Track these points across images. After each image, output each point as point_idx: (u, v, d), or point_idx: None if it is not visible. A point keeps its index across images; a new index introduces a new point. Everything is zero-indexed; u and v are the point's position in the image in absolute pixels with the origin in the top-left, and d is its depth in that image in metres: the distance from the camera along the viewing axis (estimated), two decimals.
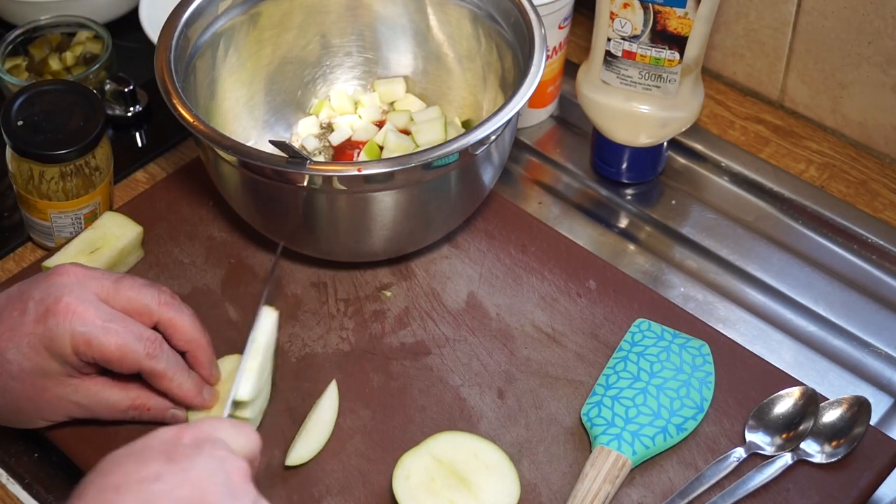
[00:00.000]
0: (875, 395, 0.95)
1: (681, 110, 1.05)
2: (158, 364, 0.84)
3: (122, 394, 0.85)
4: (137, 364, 0.83)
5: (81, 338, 0.81)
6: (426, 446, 0.85)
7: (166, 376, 0.84)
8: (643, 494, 0.85)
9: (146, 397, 0.86)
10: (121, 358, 0.82)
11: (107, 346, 0.82)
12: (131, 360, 0.83)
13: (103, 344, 0.81)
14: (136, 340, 0.83)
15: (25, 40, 1.18)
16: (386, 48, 1.09)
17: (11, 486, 0.90)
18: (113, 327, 0.82)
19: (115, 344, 0.82)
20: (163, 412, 0.86)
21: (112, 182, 1.04)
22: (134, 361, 0.83)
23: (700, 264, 1.05)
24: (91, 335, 0.81)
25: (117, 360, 0.82)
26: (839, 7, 1.08)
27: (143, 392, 0.86)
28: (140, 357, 0.83)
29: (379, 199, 0.91)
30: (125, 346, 0.82)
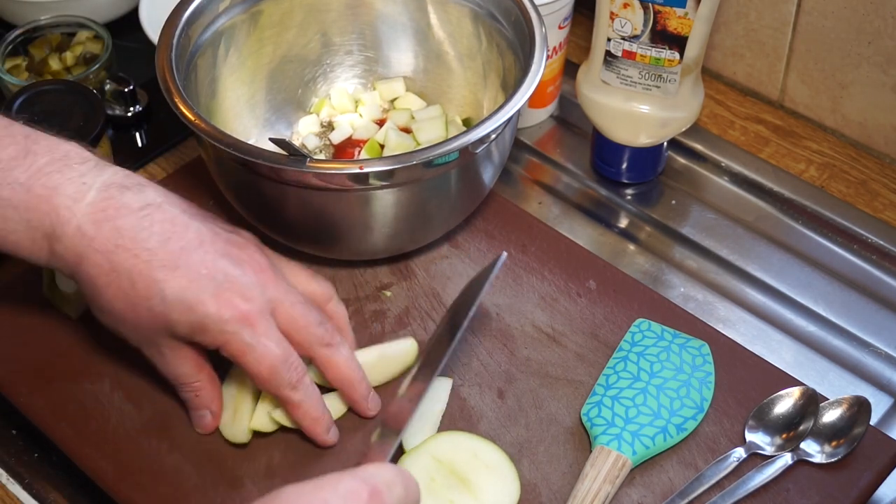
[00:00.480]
0: (875, 395, 0.95)
1: (681, 110, 1.05)
2: (296, 395, 0.83)
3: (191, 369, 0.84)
4: (276, 389, 0.82)
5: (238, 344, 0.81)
6: (426, 446, 0.85)
7: (301, 408, 0.84)
8: (643, 494, 0.85)
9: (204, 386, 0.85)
10: (267, 378, 0.82)
11: (257, 363, 0.81)
12: (274, 383, 0.82)
13: (256, 363, 0.81)
14: (284, 365, 0.82)
15: (25, 40, 1.18)
16: (386, 46, 1.09)
17: (11, 486, 0.90)
18: (273, 344, 0.81)
19: (267, 365, 0.81)
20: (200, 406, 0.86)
21: None
22: (275, 386, 0.82)
23: (700, 264, 1.05)
24: (249, 347, 0.81)
25: (262, 378, 0.82)
26: (839, 7, 1.08)
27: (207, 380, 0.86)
28: (283, 384, 0.82)
29: (379, 198, 0.91)
30: (274, 368, 0.81)
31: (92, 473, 0.87)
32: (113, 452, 0.87)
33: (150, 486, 0.85)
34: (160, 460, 0.86)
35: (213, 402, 0.87)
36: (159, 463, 0.86)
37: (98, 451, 0.87)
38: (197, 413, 0.87)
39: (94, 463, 0.87)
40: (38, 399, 0.90)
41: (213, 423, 0.87)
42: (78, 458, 0.88)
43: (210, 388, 0.86)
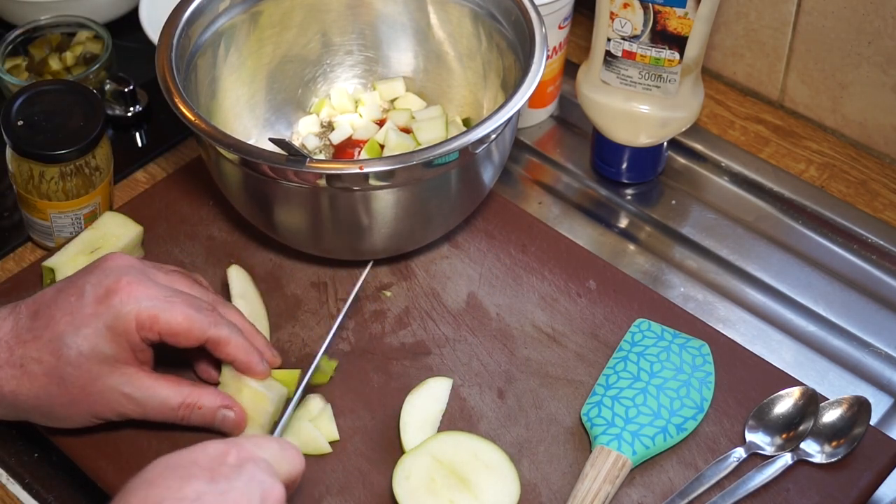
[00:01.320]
0: (875, 395, 0.95)
1: (681, 110, 1.05)
2: (222, 331, 0.84)
3: (174, 390, 0.84)
4: (203, 334, 0.83)
5: (147, 313, 0.81)
6: (426, 446, 0.85)
7: (231, 342, 0.85)
8: (643, 494, 0.85)
9: (198, 395, 0.85)
10: (188, 329, 0.83)
11: (174, 318, 0.82)
12: (197, 331, 0.83)
13: (171, 317, 0.82)
14: (199, 311, 0.83)
15: (25, 40, 1.18)
16: (386, 46, 1.09)
17: (11, 486, 0.90)
18: (176, 300, 0.83)
19: (181, 315, 0.82)
20: (213, 412, 0.85)
21: (112, 182, 1.04)
22: (200, 331, 0.83)
23: (700, 264, 1.05)
24: (157, 309, 0.82)
25: (184, 331, 0.83)
26: (839, 7, 1.08)
27: (195, 390, 0.85)
28: (205, 326, 0.83)
29: (379, 198, 0.91)
30: (191, 317, 0.83)
31: (92, 473, 0.87)
32: (113, 453, 0.87)
33: None
34: None
35: (219, 399, 0.86)
36: None
37: (98, 451, 0.87)
38: (218, 421, 0.86)
39: (94, 463, 0.87)
40: None
41: (241, 415, 0.86)
42: (78, 458, 0.88)
43: (202, 392, 0.85)
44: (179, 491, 0.68)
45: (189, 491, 0.68)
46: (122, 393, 0.83)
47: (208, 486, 0.68)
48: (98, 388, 0.83)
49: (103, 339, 0.82)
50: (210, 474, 0.69)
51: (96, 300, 0.82)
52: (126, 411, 0.84)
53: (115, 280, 0.82)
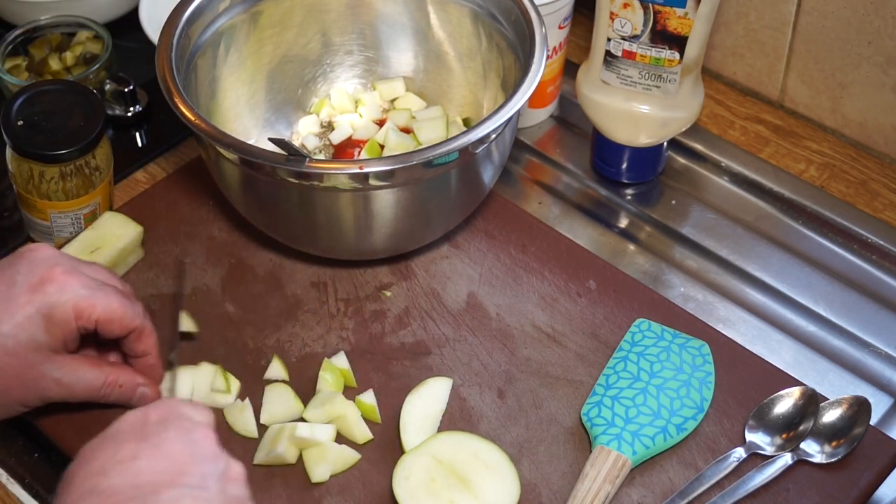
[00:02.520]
0: (875, 395, 0.95)
1: (681, 110, 1.05)
2: (147, 322, 0.87)
3: (97, 371, 0.86)
4: (133, 322, 0.85)
5: (86, 301, 0.83)
6: (426, 446, 0.85)
7: (153, 334, 0.87)
8: (643, 494, 0.85)
9: (118, 373, 0.87)
10: (121, 317, 0.85)
11: (110, 305, 0.84)
12: (129, 319, 0.85)
13: (108, 304, 0.84)
14: (129, 301, 0.86)
15: (25, 40, 1.18)
16: (386, 46, 1.09)
17: (11, 486, 0.90)
18: (108, 290, 0.85)
19: (117, 303, 0.84)
20: (133, 389, 0.88)
21: (112, 182, 1.04)
22: (131, 320, 0.85)
23: (700, 264, 1.05)
24: (95, 297, 0.83)
25: (118, 318, 0.85)
26: (839, 7, 1.08)
27: (114, 369, 0.87)
28: (135, 315, 0.86)
29: (380, 197, 0.91)
30: (124, 305, 0.85)
31: None
32: None
33: None
34: None
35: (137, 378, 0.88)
36: None
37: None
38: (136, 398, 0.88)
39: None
40: None
41: (156, 393, 0.89)
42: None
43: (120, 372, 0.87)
44: (116, 456, 0.70)
45: (125, 453, 0.70)
46: (52, 378, 0.84)
47: (141, 444, 0.71)
48: (33, 376, 0.84)
49: (39, 328, 0.82)
50: (138, 435, 0.71)
51: (30, 289, 0.82)
52: (52, 395, 0.85)
53: (48, 269, 0.83)
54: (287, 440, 0.86)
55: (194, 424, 0.73)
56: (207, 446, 0.73)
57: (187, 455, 0.71)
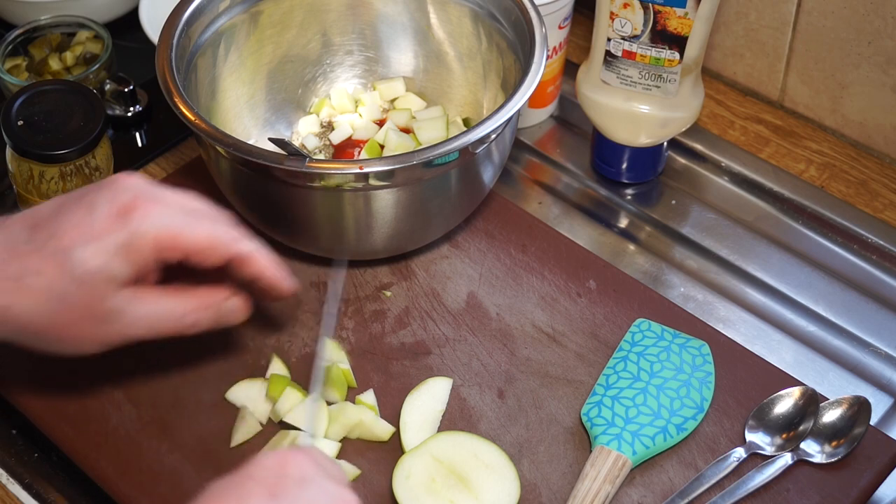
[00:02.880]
0: (875, 395, 0.95)
1: (681, 110, 1.05)
2: (248, 245, 0.81)
3: (177, 300, 0.81)
4: (227, 250, 0.80)
5: (168, 232, 0.77)
6: (426, 446, 0.85)
7: (258, 257, 0.81)
8: (643, 494, 0.85)
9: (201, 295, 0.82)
10: (211, 246, 0.79)
11: (197, 235, 0.78)
12: (222, 247, 0.79)
13: (194, 234, 0.78)
14: (222, 227, 0.80)
15: (25, 40, 1.18)
16: (386, 46, 1.09)
17: (11, 486, 0.90)
18: (197, 217, 0.79)
19: (205, 232, 0.79)
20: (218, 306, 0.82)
21: None
22: (225, 248, 0.79)
23: (700, 264, 1.05)
24: (178, 227, 0.78)
25: (208, 248, 0.79)
26: (839, 7, 1.08)
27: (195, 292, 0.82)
28: (230, 242, 0.80)
29: (380, 197, 0.91)
30: (214, 232, 0.79)
31: (92, 473, 0.87)
32: (113, 452, 0.87)
33: (150, 486, 0.85)
34: (160, 460, 0.86)
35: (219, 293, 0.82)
36: (159, 463, 0.86)
37: (98, 451, 0.87)
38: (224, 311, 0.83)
39: (94, 463, 0.87)
40: (38, 399, 0.90)
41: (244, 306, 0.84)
42: (78, 458, 0.88)
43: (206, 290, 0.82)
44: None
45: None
46: (128, 312, 0.79)
47: (269, 502, 0.64)
48: (105, 309, 0.78)
49: (116, 258, 0.77)
50: (270, 490, 0.65)
51: (110, 216, 0.77)
52: (133, 332, 0.80)
53: (132, 198, 0.77)
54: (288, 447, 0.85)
55: (338, 487, 0.66)
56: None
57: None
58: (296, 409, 0.87)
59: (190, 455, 0.87)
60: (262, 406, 0.89)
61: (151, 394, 0.90)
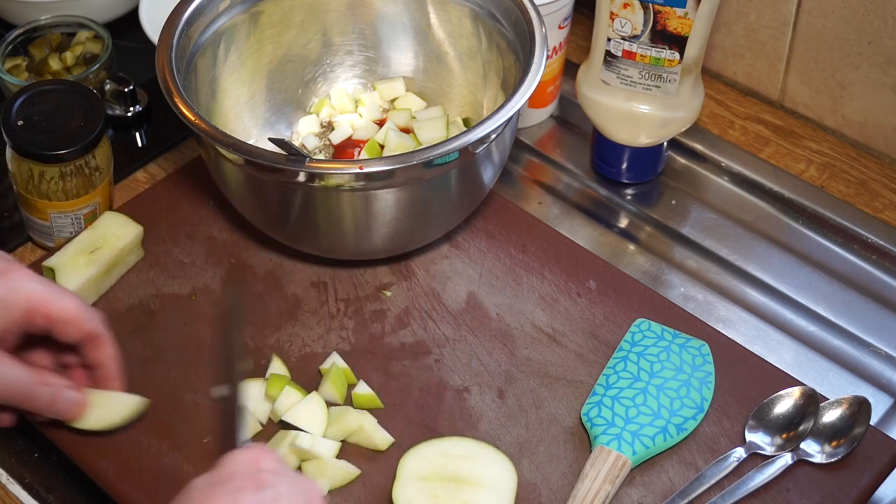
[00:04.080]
0: (875, 395, 0.95)
1: (681, 110, 1.05)
2: (105, 330, 0.85)
3: (27, 369, 0.83)
4: (90, 326, 0.84)
5: (41, 295, 0.82)
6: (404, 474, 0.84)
7: (109, 343, 0.85)
8: (643, 494, 0.85)
9: (44, 373, 0.85)
10: (76, 318, 0.83)
11: (67, 305, 0.82)
12: (85, 322, 0.83)
13: (64, 303, 0.82)
14: (86, 306, 0.84)
15: (25, 40, 1.18)
16: (387, 46, 1.09)
17: (11, 486, 0.90)
18: (67, 291, 0.84)
19: (73, 304, 0.83)
20: (60, 389, 0.85)
21: (112, 182, 1.04)
22: (88, 322, 0.84)
23: (700, 264, 1.05)
24: (52, 294, 0.82)
25: (73, 319, 0.83)
26: (839, 7, 1.08)
27: (40, 369, 0.85)
28: (92, 319, 0.84)
29: (380, 197, 0.91)
30: (81, 307, 0.83)
31: (92, 473, 0.87)
32: (113, 452, 0.87)
33: (150, 486, 0.85)
34: (160, 460, 0.86)
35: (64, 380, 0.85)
36: (159, 463, 0.86)
37: (98, 451, 0.87)
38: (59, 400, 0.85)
39: (94, 463, 0.87)
40: None
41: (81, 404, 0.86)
42: (78, 458, 0.88)
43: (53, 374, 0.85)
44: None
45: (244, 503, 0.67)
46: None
47: (258, 495, 0.68)
48: None
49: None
50: (255, 483, 0.68)
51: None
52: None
53: (8, 264, 0.83)
54: (287, 448, 0.85)
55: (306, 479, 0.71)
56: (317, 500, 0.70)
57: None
58: (295, 408, 0.87)
59: (190, 455, 0.87)
60: (261, 406, 0.89)
61: (151, 394, 0.90)
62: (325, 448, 0.86)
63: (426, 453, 0.85)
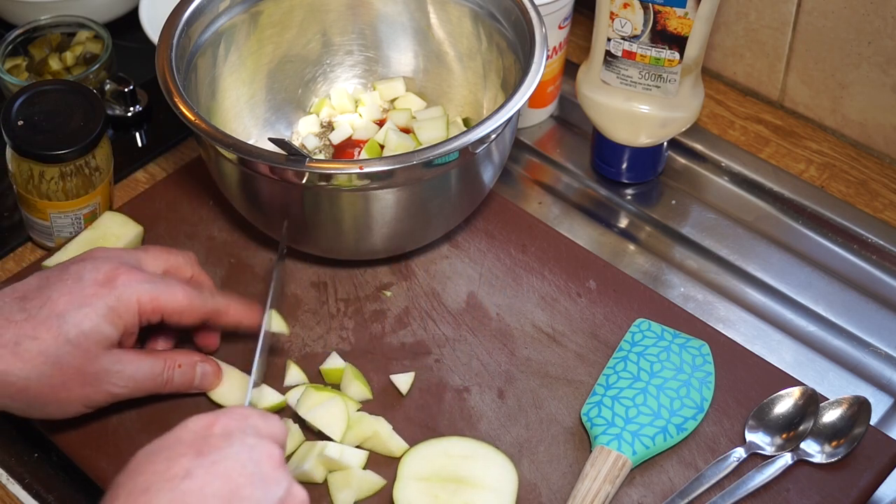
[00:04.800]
0: (875, 395, 0.95)
1: (681, 110, 1.05)
2: (219, 301, 0.88)
3: (155, 359, 0.87)
4: (202, 308, 0.87)
5: (148, 295, 0.84)
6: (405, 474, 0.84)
7: (230, 308, 0.88)
8: (643, 494, 0.85)
9: (174, 356, 0.88)
10: (188, 307, 0.86)
11: (175, 298, 0.85)
12: (197, 307, 0.86)
13: (172, 296, 0.85)
14: (195, 290, 0.86)
15: (25, 40, 1.18)
16: (386, 46, 1.09)
17: (11, 486, 0.90)
18: (173, 283, 0.86)
19: (181, 293, 0.85)
20: (192, 367, 0.88)
21: (112, 182, 1.04)
22: (200, 306, 0.86)
23: (700, 264, 1.05)
24: (158, 291, 0.85)
25: (185, 309, 0.86)
26: (839, 7, 1.08)
27: (170, 354, 0.88)
28: (203, 302, 0.86)
29: (380, 198, 0.91)
30: (190, 295, 0.86)
31: (92, 473, 0.87)
32: (113, 452, 0.87)
33: None
34: None
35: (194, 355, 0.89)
36: None
37: (98, 451, 0.87)
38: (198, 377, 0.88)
39: (93, 463, 0.87)
40: None
41: (216, 367, 0.89)
42: (78, 458, 0.88)
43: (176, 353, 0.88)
44: (167, 472, 0.67)
45: (177, 469, 0.67)
46: (115, 372, 0.84)
47: (197, 460, 0.67)
48: (94, 369, 0.83)
49: (104, 320, 0.83)
50: (196, 448, 0.68)
51: (97, 283, 0.83)
52: (117, 390, 0.85)
53: (114, 267, 0.85)
54: (315, 458, 0.84)
55: (260, 440, 0.70)
56: (269, 468, 0.69)
57: (245, 477, 0.67)
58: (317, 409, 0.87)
59: None
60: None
61: None
62: (354, 458, 0.85)
63: (426, 453, 0.85)
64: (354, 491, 0.84)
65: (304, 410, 0.87)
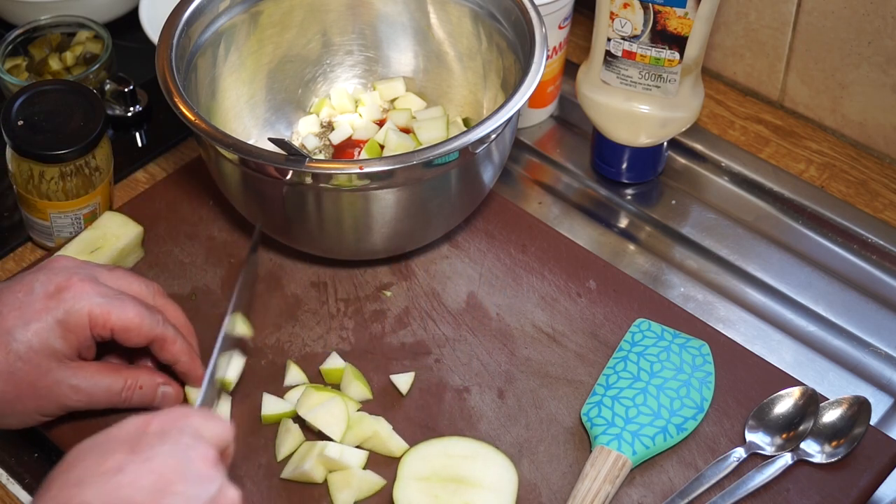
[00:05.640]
0: (875, 395, 0.95)
1: (681, 110, 1.05)
2: (168, 330, 0.86)
3: (115, 376, 0.86)
4: (152, 331, 0.85)
5: (100, 309, 0.83)
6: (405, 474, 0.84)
7: (177, 341, 0.86)
8: (643, 494, 0.85)
9: (136, 375, 0.87)
10: (138, 326, 0.84)
11: (125, 315, 0.83)
12: (147, 328, 0.84)
13: (123, 313, 0.83)
14: (148, 311, 0.85)
15: (25, 40, 1.18)
16: (386, 46, 1.09)
17: (11, 486, 0.90)
18: (126, 299, 0.84)
19: (133, 312, 0.84)
20: (153, 389, 0.87)
21: (112, 182, 1.04)
22: (149, 329, 0.84)
23: (700, 264, 1.05)
24: (110, 306, 0.83)
25: (135, 328, 0.84)
26: (839, 7, 1.08)
27: (132, 372, 0.87)
28: (154, 324, 0.85)
29: (380, 198, 0.91)
30: (141, 314, 0.84)
31: None
32: None
33: None
34: None
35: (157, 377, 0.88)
36: None
37: None
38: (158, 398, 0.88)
39: None
40: None
41: (178, 391, 0.88)
42: None
43: (139, 373, 0.87)
44: (99, 466, 0.66)
45: (110, 464, 0.66)
46: (69, 385, 0.84)
47: (130, 456, 0.67)
48: (47, 383, 0.83)
49: (53, 334, 0.82)
50: (130, 446, 0.68)
51: (46, 296, 0.83)
52: (72, 403, 0.85)
53: (66, 278, 0.84)
54: (315, 458, 0.84)
55: (196, 440, 0.69)
56: (202, 466, 0.68)
57: (177, 474, 0.67)
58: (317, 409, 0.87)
59: None
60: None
61: None
62: (354, 458, 0.85)
63: (426, 453, 0.85)
64: (354, 491, 0.84)
65: (304, 410, 0.87)
